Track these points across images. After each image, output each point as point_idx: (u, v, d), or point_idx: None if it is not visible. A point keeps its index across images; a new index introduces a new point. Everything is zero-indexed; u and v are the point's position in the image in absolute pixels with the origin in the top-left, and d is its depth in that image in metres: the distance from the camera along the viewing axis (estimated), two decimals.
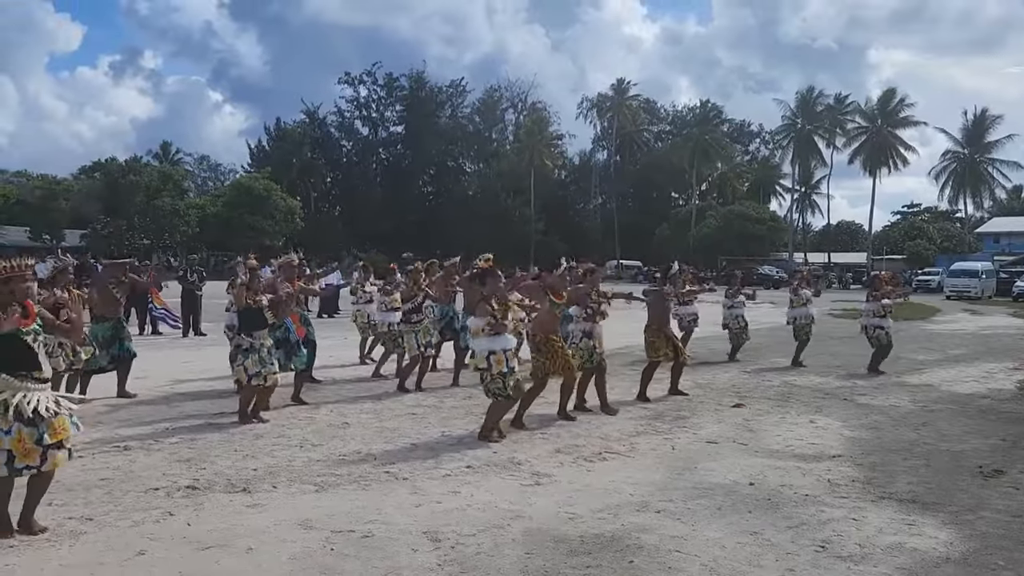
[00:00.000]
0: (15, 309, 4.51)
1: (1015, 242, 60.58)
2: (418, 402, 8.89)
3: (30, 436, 4.42)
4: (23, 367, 4.49)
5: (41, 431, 4.44)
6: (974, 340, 18.26)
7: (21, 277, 4.57)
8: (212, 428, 7.41)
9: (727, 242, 59.30)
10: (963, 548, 4.66)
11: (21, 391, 4.42)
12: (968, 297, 38.89)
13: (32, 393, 4.46)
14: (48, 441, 4.46)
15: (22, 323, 4.50)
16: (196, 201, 60.15)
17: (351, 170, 76.11)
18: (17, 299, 4.54)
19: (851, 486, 5.92)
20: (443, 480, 5.84)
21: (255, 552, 4.36)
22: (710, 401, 9.31)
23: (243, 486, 5.57)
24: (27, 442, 4.41)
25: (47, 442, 4.46)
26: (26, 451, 4.41)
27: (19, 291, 4.56)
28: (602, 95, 76.18)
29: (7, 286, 4.52)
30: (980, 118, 67.09)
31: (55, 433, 4.50)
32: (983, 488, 5.96)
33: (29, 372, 4.50)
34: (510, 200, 69.23)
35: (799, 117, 67.33)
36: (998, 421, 8.58)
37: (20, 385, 4.44)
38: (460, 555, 4.38)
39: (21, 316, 4.52)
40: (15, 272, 4.56)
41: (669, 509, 5.25)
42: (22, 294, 4.57)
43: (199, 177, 79.33)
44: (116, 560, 4.22)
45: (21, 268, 4.59)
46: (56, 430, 4.51)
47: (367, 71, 75.73)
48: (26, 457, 4.42)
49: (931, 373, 12.26)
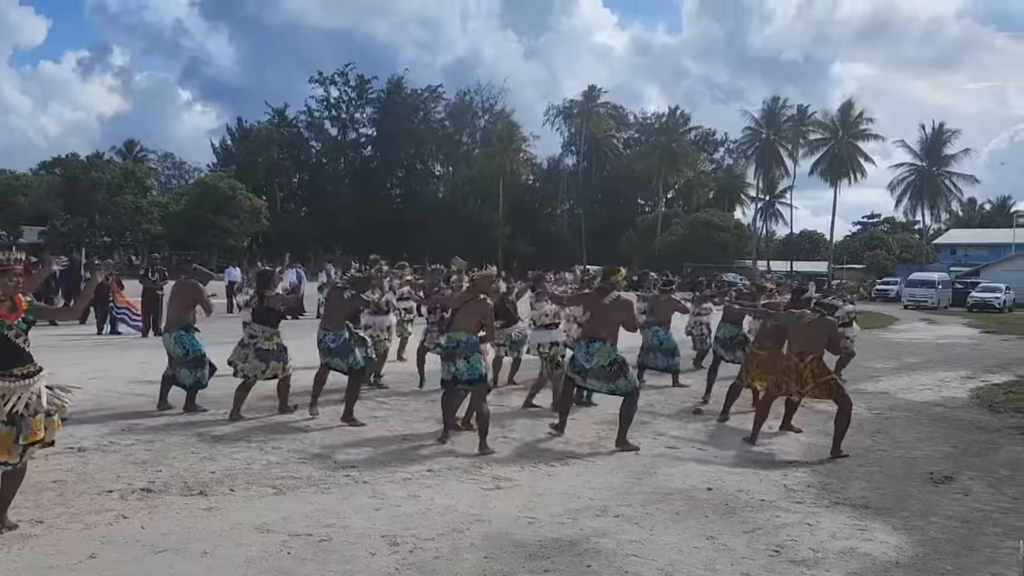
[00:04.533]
0: (3, 303, 4.47)
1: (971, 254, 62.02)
2: (380, 405, 8.84)
3: (9, 435, 4.37)
4: (5, 364, 4.43)
5: (19, 430, 4.39)
6: (930, 349, 18.68)
7: (11, 271, 4.51)
8: (170, 430, 7.30)
9: (692, 249, 59.93)
10: (912, 553, 4.76)
11: (2, 391, 4.37)
12: (925, 307, 39.77)
13: (14, 393, 4.40)
14: (23, 441, 4.41)
15: (7, 317, 4.45)
16: (159, 199, 59.27)
17: (319, 171, 75.61)
18: (6, 292, 4.49)
19: (806, 492, 6.02)
20: (403, 484, 5.83)
21: (210, 556, 4.31)
22: (671, 407, 9.39)
23: (200, 489, 5.49)
24: (6, 440, 4.37)
25: (23, 442, 4.41)
26: (4, 448, 4.38)
27: (9, 285, 4.49)
28: (571, 101, 76.64)
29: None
30: (938, 132, 68.77)
31: (32, 434, 4.45)
32: (933, 494, 6.10)
33: (9, 369, 4.43)
34: (478, 204, 69.26)
35: (764, 127, 68.36)
36: (950, 429, 8.78)
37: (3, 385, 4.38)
38: (418, 559, 4.37)
39: (8, 310, 4.47)
40: (5, 266, 4.49)
41: (628, 514, 5.30)
42: (12, 288, 4.51)
43: (163, 175, 78.17)
44: (66, 564, 4.14)
45: (11, 262, 4.52)
46: (33, 430, 4.45)
47: (339, 71, 75.45)
48: (4, 454, 4.39)
49: (887, 381, 12.52)
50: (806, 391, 7.41)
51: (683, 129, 73.31)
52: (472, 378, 6.93)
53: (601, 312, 7.36)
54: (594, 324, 7.41)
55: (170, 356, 8.16)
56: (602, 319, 7.32)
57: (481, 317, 7.05)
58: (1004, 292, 40.13)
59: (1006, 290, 40.42)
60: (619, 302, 7.36)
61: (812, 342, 7.41)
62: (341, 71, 75.36)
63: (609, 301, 7.33)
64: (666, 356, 10.50)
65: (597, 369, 7.19)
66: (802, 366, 7.32)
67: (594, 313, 7.48)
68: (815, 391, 7.37)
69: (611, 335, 7.27)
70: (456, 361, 6.91)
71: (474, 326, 7.01)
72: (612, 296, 7.37)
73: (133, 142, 72.89)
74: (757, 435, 7.61)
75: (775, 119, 68.31)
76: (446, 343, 7.03)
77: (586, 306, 7.79)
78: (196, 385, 8.12)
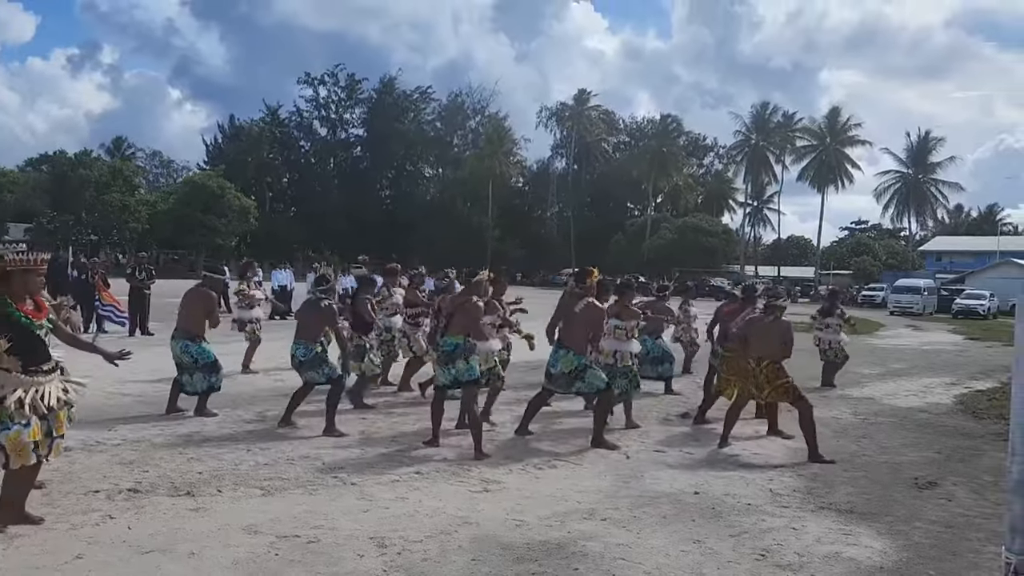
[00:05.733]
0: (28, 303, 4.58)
1: (956, 261, 62.62)
2: (367, 408, 8.83)
3: (42, 428, 4.52)
4: (36, 360, 4.56)
5: (51, 423, 4.57)
6: (915, 355, 18.82)
7: (37, 271, 4.61)
8: (157, 430, 7.27)
9: (681, 254, 60.12)
10: (896, 558, 4.81)
11: (34, 386, 4.50)
12: (911, 313, 40.08)
13: (43, 387, 4.55)
14: (54, 433, 4.60)
15: (36, 316, 4.58)
16: (147, 197, 58.92)
17: (308, 171, 75.41)
18: (30, 292, 4.59)
19: (792, 496, 6.06)
20: (392, 486, 5.83)
21: (197, 557, 4.30)
22: (659, 411, 9.43)
23: (187, 489, 5.48)
24: (39, 434, 4.52)
25: (54, 434, 4.59)
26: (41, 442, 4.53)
27: (33, 284, 4.60)
28: (563, 104, 76.83)
29: (24, 277, 4.53)
30: (923, 140, 69.46)
31: (59, 426, 4.64)
32: (917, 499, 6.16)
33: (39, 366, 4.57)
34: (468, 206, 69.21)
35: (753, 133, 68.72)
36: (934, 434, 8.86)
37: (33, 381, 4.51)
38: (406, 561, 4.38)
39: (34, 310, 4.59)
40: (34, 265, 4.59)
41: (615, 517, 5.32)
42: (35, 287, 4.62)
43: (151, 173, 77.76)
44: (52, 564, 4.12)
45: (37, 262, 4.61)
46: (60, 423, 4.65)
47: (328, 72, 75.34)
48: (42, 447, 4.54)
49: (873, 387, 12.61)
50: (764, 395, 7.54)
51: (675, 135, 73.61)
52: (470, 379, 6.95)
53: (570, 320, 7.43)
54: (565, 331, 7.53)
55: (178, 363, 7.99)
56: (570, 327, 7.41)
57: (470, 319, 7.06)
58: (988, 299, 40.50)
59: (990, 297, 40.81)
60: (588, 308, 7.34)
61: (767, 346, 7.48)
62: (331, 71, 75.34)
63: (579, 309, 7.36)
64: (655, 365, 10.29)
65: (558, 376, 7.39)
66: (758, 371, 7.43)
67: (566, 321, 7.55)
68: (772, 395, 7.49)
69: (577, 345, 7.33)
70: (456, 363, 6.91)
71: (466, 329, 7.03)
72: (582, 304, 7.37)
73: (121, 139, 72.53)
74: (726, 439, 7.64)
75: (764, 125, 68.72)
76: (444, 346, 7.00)
77: (560, 313, 7.79)
78: (209, 390, 7.99)
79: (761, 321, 7.78)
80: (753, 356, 7.52)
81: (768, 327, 7.62)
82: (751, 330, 7.77)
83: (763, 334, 7.58)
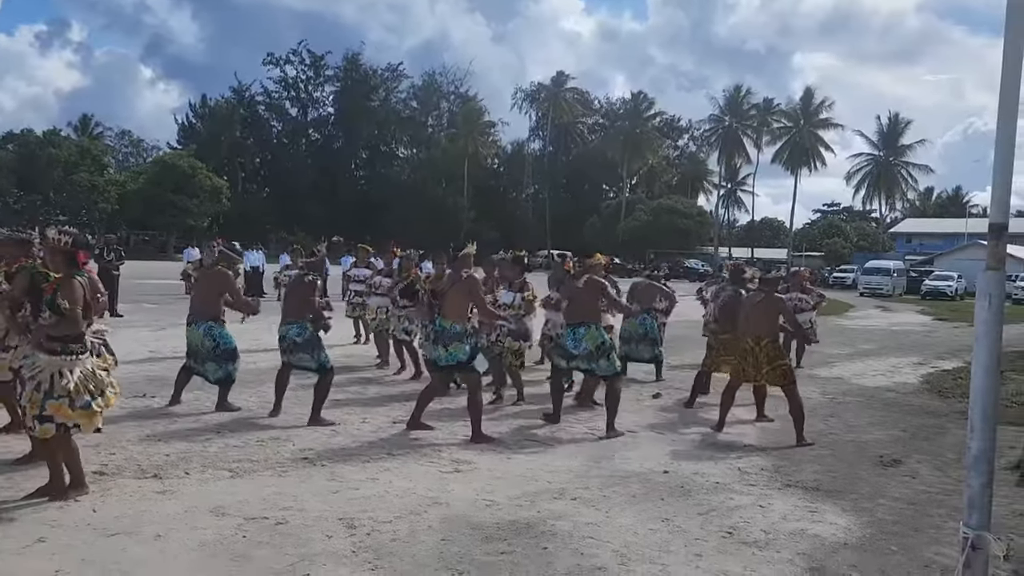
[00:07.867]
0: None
1: (925, 243, 63.50)
2: (340, 389, 8.78)
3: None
4: (78, 340, 4.74)
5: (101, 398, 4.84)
6: (884, 336, 19.10)
7: (60, 250, 4.76)
8: (124, 412, 7.15)
9: (655, 236, 60.40)
10: (860, 534, 4.89)
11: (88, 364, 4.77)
12: (880, 294, 40.63)
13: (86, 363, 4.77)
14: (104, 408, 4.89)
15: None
16: (116, 177, 57.89)
17: (281, 151, 74.51)
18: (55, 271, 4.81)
19: (760, 475, 6.13)
20: (362, 467, 5.81)
21: (163, 539, 4.26)
22: (630, 392, 9.47)
23: (154, 472, 5.42)
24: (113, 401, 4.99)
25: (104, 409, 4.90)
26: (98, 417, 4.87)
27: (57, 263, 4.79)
28: (539, 84, 76.52)
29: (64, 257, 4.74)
30: (894, 122, 70.06)
31: (108, 400, 4.92)
32: (882, 477, 6.26)
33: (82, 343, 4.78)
34: (443, 187, 68.85)
35: (727, 115, 68.96)
36: (900, 413, 9.01)
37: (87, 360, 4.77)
38: (375, 541, 4.37)
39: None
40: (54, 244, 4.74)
41: (585, 496, 5.35)
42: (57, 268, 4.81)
43: (120, 153, 76.30)
44: (14, 547, 4.06)
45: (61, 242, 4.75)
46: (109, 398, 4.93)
47: (292, 51, 74.13)
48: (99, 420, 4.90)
49: (841, 367, 12.79)
50: (762, 376, 7.37)
51: (647, 115, 73.64)
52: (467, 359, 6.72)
53: (576, 296, 7.38)
54: (573, 310, 7.40)
55: (194, 349, 7.49)
56: (579, 303, 7.34)
57: (469, 295, 6.76)
58: (956, 280, 41.18)
59: (958, 278, 41.45)
60: (590, 282, 7.30)
61: (766, 324, 7.36)
62: (294, 49, 74.07)
63: (582, 284, 7.34)
64: (651, 346, 10.03)
65: (585, 354, 7.19)
66: (758, 350, 7.29)
67: (571, 299, 7.48)
68: (770, 375, 7.31)
69: (594, 315, 7.29)
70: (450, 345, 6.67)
71: (464, 310, 6.77)
72: (583, 279, 7.35)
73: (88, 118, 70.98)
74: (723, 423, 7.61)
75: (738, 107, 68.96)
76: (437, 327, 6.75)
77: (564, 294, 7.77)
78: (227, 380, 7.52)
79: (754, 299, 7.59)
80: (751, 335, 7.33)
81: (762, 303, 7.44)
82: (743, 308, 7.68)
83: (757, 311, 7.39)
